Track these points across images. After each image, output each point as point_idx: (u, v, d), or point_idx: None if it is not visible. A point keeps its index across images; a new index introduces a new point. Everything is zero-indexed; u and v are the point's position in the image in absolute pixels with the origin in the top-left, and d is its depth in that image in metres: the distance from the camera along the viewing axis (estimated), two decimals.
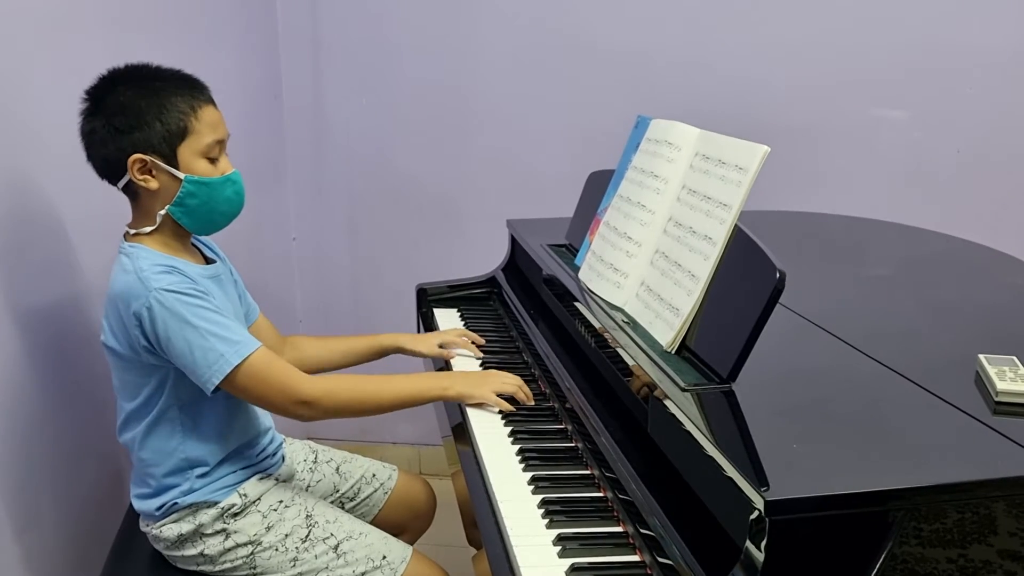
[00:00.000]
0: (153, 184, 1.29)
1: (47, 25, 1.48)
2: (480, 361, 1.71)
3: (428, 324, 1.98)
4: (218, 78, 1.38)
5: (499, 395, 1.46)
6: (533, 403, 1.47)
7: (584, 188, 1.83)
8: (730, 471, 0.91)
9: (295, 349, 1.68)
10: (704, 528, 0.96)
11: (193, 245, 1.42)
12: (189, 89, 1.31)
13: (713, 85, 2.36)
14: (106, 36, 1.64)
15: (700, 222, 1.25)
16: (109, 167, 1.30)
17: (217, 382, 1.26)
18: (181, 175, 1.30)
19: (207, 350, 1.25)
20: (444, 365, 1.73)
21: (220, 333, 1.26)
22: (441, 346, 1.74)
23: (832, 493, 0.85)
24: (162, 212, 1.31)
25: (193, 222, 1.34)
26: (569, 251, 1.77)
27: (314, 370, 1.70)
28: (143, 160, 1.28)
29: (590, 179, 1.82)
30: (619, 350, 1.28)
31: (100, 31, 1.64)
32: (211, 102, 1.34)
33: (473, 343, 1.74)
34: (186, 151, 1.30)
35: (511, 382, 1.48)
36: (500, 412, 1.45)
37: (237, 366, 1.26)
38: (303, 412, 1.33)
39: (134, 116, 1.27)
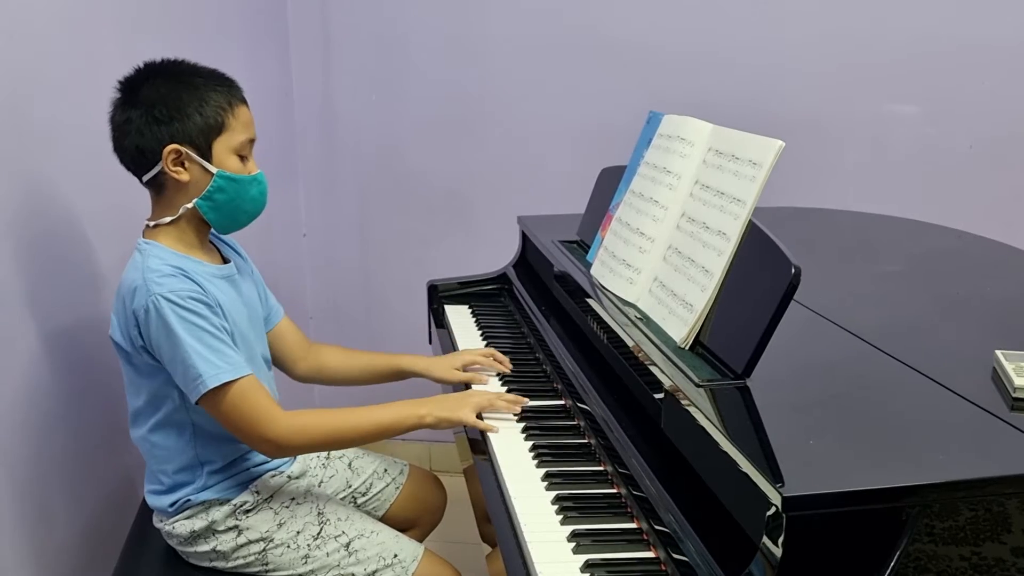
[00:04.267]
0: (184, 176, 1.30)
1: (60, 24, 1.49)
2: (499, 375, 1.66)
3: (439, 320, 1.98)
4: (229, 75, 1.38)
5: (478, 410, 1.42)
6: (519, 408, 1.43)
7: (596, 184, 1.83)
8: (746, 467, 0.90)
9: (317, 358, 1.65)
10: (719, 524, 0.96)
11: (211, 243, 1.43)
12: (226, 86, 1.33)
13: (724, 80, 2.35)
14: (118, 34, 1.65)
15: (714, 218, 1.24)
16: (142, 156, 1.30)
17: (195, 400, 1.26)
18: (213, 169, 1.30)
19: (189, 367, 1.24)
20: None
21: (205, 354, 1.24)
22: (464, 368, 1.63)
23: (849, 489, 0.85)
24: (188, 205, 1.32)
25: (218, 217, 1.35)
26: (581, 247, 1.77)
27: (332, 382, 1.69)
28: (178, 151, 1.28)
29: (602, 175, 1.82)
30: (632, 346, 1.28)
31: (112, 30, 1.64)
32: (245, 102, 1.35)
33: (498, 362, 1.64)
34: (220, 146, 1.31)
35: (489, 396, 1.44)
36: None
37: (214, 389, 1.25)
38: (267, 449, 1.33)
39: (175, 107, 1.27)
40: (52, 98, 1.46)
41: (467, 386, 1.60)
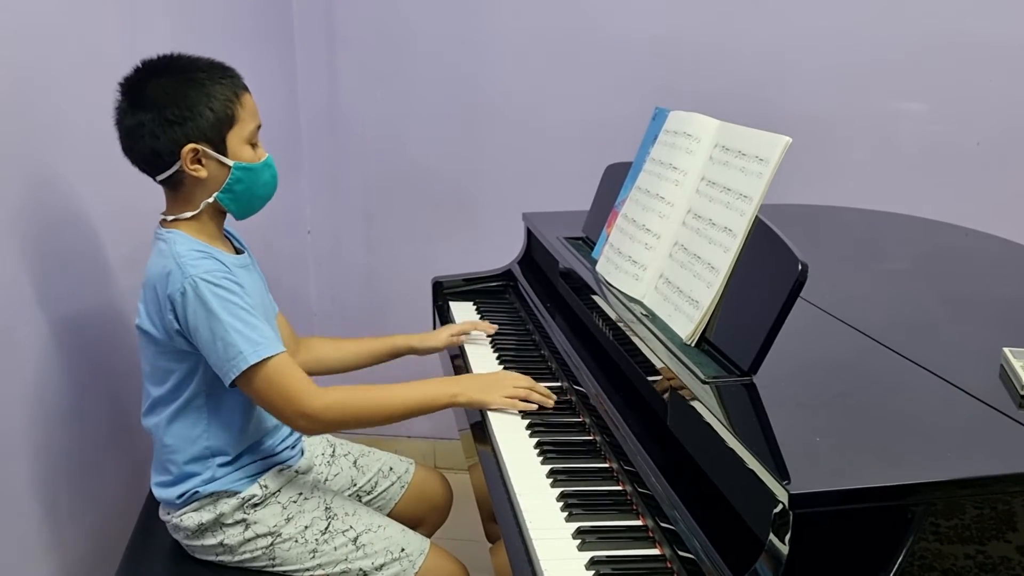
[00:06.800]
0: (203, 173, 1.31)
1: (64, 22, 1.49)
2: (496, 353, 1.70)
3: (444, 317, 1.98)
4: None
5: (513, 397, 1.43)
6: (552, 403, 1.43)
7: (601, 180, 1.82)
8: (752, 464, 0.90)
9: (309, 351, 1.68)
10: (725, 522, 0.96)
11: (224, 235, 1.43)
12: (229, 77, 1.33)
13: (731, 77, 2.35)
14: (122, 31, 1.65)
15: (720, 214, 1.24)
16: (158, 159, 1.30)
17: (233, 377, 1.27)
18: (230, 162, 1.31)
19: (228, 345, 1.25)
20: (459, 353, 1.72)
21: (244, 331, 1.26)
22: (452, 336, 1.75)
23: (856, 487, 0.85)
24: (208, 200, 1.33)
25: (237, 207, 1.36)
26: (586, 244, 1.76)
27: (329, 372, 1.71)
28: (195, 149, 1.29)
29: (607, 171, 1.81)
30: (638, 343, 1.28)
31: (117, 26, 1.64)
32: (247, 89, 1.35)
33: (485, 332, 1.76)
34: (233, 138, 1.32)
35: (523, 384, 1.45)
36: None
37: (253, 366, 1.26)
38: (304, 424, 1.33)
39: (186, 107, 1.28)
40: (57, 94, 1.46)
41: (462, 352, 1.67)
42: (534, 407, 1.42)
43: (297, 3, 2.50)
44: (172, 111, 1.27)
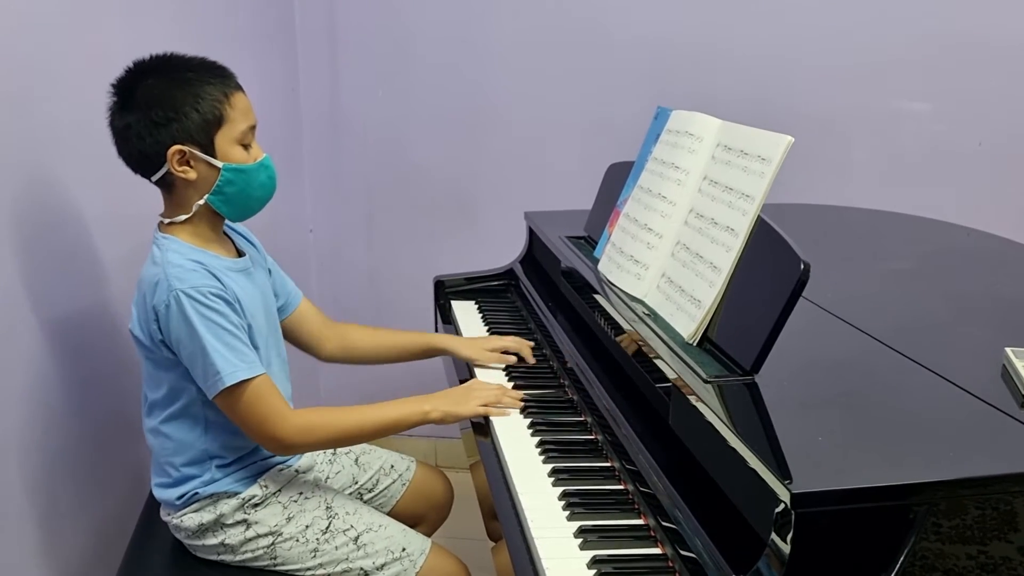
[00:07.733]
0: (191, 175, 1.30)
1: (65, 20, 1.49)
2: (506, 371, 1.68)
3: (445, 316, 1.98)
4: (235, 71, 1.38)
5: (486, 404, 1.44)
6: (520, 406, 1.45)
7: (603, 180, 1.83)
8: (754, 463, 0.90)
9: (343, 339, 1.66)
10: (727, 521, 0.96)
11: (225, 235, 1.43)
12: (219, 77, 1.32)
13: (733, 76, 2.35)
14: (123, 30, 1.65)
15: (722, 213, 1.24)
16: (147, 160, 1.29)
17: (212, 396, 1.28)
18: (219, 164, 1.30)
19: (208, 364, 1.26)
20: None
21: (223, 351, 1.26)
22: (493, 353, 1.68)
23: (858, 486, 0.85)
24: (200, 202, 1.32)
25: (230, 209, 1.35)
26: (588, 243, 1.76)
27: (360, 361, 1.70)
28: (182, 151, 1.28)
29: (609, 171, 1.81)
30: (640, 342, 1.28)
31: (117, 24, 1.64)
32: (240, 88, 1.34)
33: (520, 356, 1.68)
34: (222, 139, 1.30)
35: (494, 391, 1.47)
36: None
37: (229, 387, 1.26)
38: (274, 447, 1.35)
39: (171, 108, 1.26)
40: (57, 93, 1.46)
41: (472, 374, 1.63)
42: (508, 413, 1.44)
43: (299, 4, 2.50)
44: (157, 112, 1.26)
